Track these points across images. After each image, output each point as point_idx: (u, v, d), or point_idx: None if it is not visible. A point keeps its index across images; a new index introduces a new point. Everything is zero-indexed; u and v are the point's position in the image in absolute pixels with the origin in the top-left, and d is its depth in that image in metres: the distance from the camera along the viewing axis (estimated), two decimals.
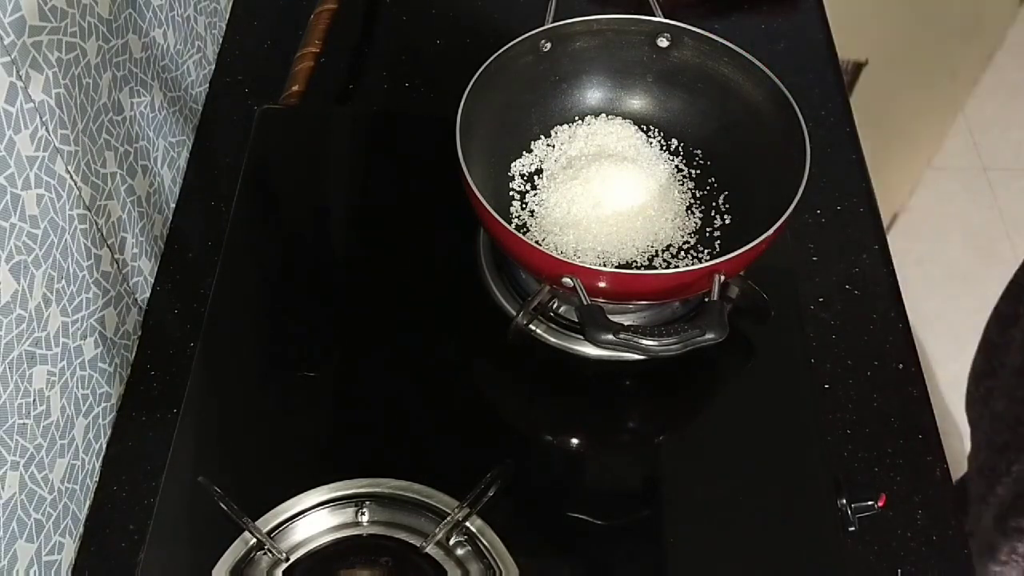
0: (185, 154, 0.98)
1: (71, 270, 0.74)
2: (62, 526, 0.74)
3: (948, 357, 1.81)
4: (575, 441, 0.79)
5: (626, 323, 0.69)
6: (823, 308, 0.90)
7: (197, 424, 0.76)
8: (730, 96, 0.83)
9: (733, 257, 0.70)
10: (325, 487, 0.70)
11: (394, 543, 0.68)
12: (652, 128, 0.87)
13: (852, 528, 0.72)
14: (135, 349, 0.86)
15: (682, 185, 0.84)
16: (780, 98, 0.77)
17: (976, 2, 2.41)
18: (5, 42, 0.63)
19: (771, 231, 0.70)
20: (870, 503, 0.72)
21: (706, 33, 0.82)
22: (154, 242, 0.91)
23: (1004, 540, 1.13)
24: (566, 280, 0.70)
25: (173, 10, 0.93)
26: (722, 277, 0.70)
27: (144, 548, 0.70)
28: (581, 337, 0.74)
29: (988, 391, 1.17)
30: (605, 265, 0.78)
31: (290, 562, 0.67)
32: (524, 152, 0.86)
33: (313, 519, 0.69)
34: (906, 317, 0.90)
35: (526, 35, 0.81)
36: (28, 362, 0.68)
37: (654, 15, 0.84)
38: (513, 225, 0.81)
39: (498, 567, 0.67)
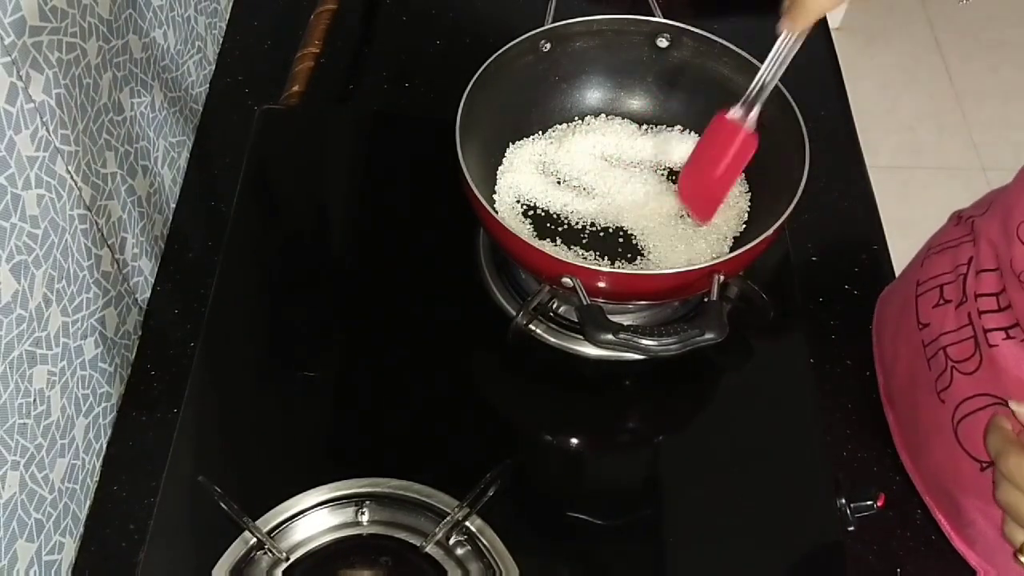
0: (185, 154, 0.98)
1: (71, 270, 0.74)
2: (62, 526, 0.74)
3: None
4: (575, 441, 0.79)
5: (626, 323, 0.70)
6: (823, 308, 0.90)
7: (197, 424, 0.76)
8: (730, 96, 0.83)
9: (733, 257, 0.71)
10: (325, 487, 0.70)
11: (394, 543, 0.68)
12: (652, 128, 0.87)
13: (852, 528, 0.72)
14: (135, 349, 0.86)
15: None
16: (780, 98, 0.77)
17: None
18: (5, 42, 0.63)
19: (771, 231, 0.70)
20: (870, 503, 0.72)
21: (706, 33, 0.82)
22: (154, 242, 0.91)
23: None
24: (566, 280, 0.70)
25: (173, 10, 0.93)
26: (722, 277, 0.70)
27: (144, 548, 0.70)
28: (581, 337, 0.74)
29: None
30: (605, 265, 0.78)
31: (290, 562, 0.67)
32: None
33: (313, 519, 0.69)
34: None
35: (526, 35, 0.81)
36: (28, 362, 0.68)
37: (654, 15, 0.84)
38: None
39: (498, 567, 0.67)
